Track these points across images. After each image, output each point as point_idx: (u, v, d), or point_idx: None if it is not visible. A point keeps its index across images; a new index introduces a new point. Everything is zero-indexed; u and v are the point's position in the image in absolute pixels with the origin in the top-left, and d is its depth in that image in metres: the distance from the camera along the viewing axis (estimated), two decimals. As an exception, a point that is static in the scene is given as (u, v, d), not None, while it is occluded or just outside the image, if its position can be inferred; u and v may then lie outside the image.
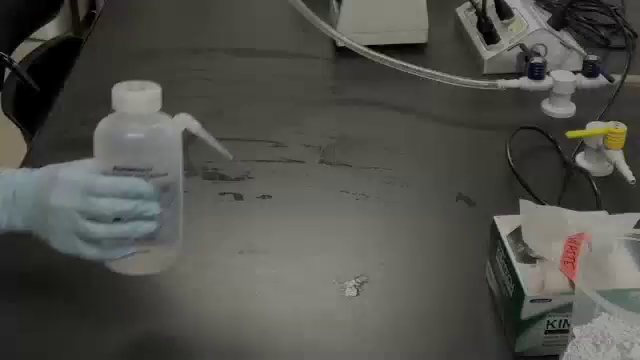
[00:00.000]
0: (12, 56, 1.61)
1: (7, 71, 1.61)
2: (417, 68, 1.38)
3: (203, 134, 0.98)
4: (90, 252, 0.88)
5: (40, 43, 1.80)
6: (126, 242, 0.88)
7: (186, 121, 0.96)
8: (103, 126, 0.89)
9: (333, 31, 1.40)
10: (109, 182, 0.86)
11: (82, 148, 1.28)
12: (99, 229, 0.87)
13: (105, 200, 0.86)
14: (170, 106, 1.43)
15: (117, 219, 0.87)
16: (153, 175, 0.87)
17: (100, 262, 0.90)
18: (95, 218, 0.86)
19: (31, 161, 1.27)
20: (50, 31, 2.32)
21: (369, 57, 1.39)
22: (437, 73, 1.38)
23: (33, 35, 1.82)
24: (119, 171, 0.87)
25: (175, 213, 0.91)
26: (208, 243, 1.09)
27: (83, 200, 0.86)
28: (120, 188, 0.86)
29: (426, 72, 1.38)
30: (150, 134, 0.88)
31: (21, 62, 1.65)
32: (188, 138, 1.30)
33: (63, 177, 0.88)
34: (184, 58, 1.60)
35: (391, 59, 1.39)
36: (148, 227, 0.87)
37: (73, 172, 0.89)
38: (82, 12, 3.48)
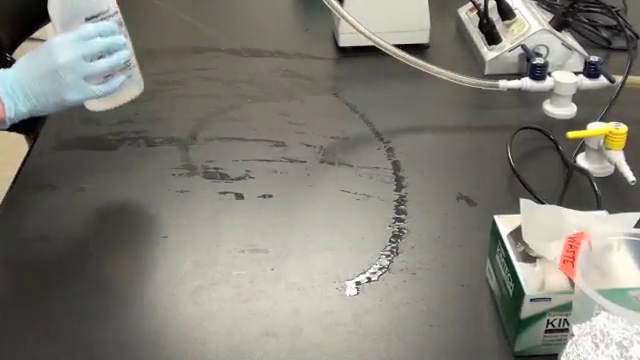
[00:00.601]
0: (13, 55, 1.62)
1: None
2: (425, 64, 1.37)
3: None
4: (101, 89, 1.10)
5: (42, 43, 1.81)
6: (116, 73, 1.12)
7: None
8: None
9: (359, 26, 1.38)
10: (92, 26, 1.09)
11: (83, 147, 1.30)
12: (102, 63, 1.09)
13: (97, 39, 1.09)
14: (172, 105, 1.45)
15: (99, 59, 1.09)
16: (111, 15, 1.12)
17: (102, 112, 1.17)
18: (92, 59, 1.08)
19: (32, 160, 1.28)
20: (51, 31, 2.32)
21: (388, 53, 1.37)
22: (441, 70, 1.37)
23: (34, 35, 1.82)
24: (89, 20, 1.10)
25: (130, 42, 1.16)
26: (209, 242, 1.09)
27: (83, 46, 1.08)
28: (100, 29, 1.09)
29: (431, 68, 1.37)
30: None
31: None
32: (188, 138, 1.31)
33: (58, 40, 1.08)
34: (186, 58, 1.60)
35: (414, 58, 1.37)
36: (126, 53, 1.12)
37: (62, 35, 1.09)
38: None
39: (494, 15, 1.55)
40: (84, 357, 0.93)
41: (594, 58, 1.39)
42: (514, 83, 1.39)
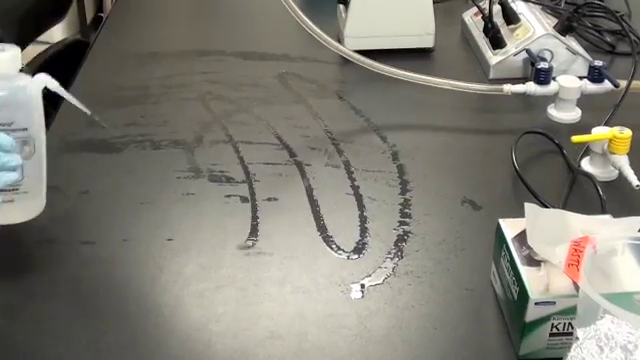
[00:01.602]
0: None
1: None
2: (419, 76, 1.38)
3: (61, 92, 1.05)
4: None
5: (47, 46, 1.81)
6: None
7: (46, 80, 1.02)
8: None
9: (332, 41, 1.40)
10: None
11: (89, 150, 1.30)
12: None
13: None
14: (177, 108, 1.45)
15: None
16: (14, 129, 0.98)
17: None
18: None
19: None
20: (57, 34, 2.32)
21: (368, 67, 1.39)
22: (442, 80, 1.38)
23: (40, 38, 1.82)
24: None
25: (38, 167, 1.02)
26: (214, 245, 1.09)
27: None
28: None
29: (430, 80, 1.38)
30: (12, 91, 0.98)
31: (28, 64, 1.66)
32: (194, 141, 1.32)
33: None
34: (191, 61, 1.60)
35: (389, 67, 1.38)
36: (11, 177, 0.97)
37: None
38: (89, 15, 3.48)
39: (499, 19, 1.55)
40: (83, 355, 0.93)
41: (598, 63, 1.39)
42: (519, 87, 1.39)
